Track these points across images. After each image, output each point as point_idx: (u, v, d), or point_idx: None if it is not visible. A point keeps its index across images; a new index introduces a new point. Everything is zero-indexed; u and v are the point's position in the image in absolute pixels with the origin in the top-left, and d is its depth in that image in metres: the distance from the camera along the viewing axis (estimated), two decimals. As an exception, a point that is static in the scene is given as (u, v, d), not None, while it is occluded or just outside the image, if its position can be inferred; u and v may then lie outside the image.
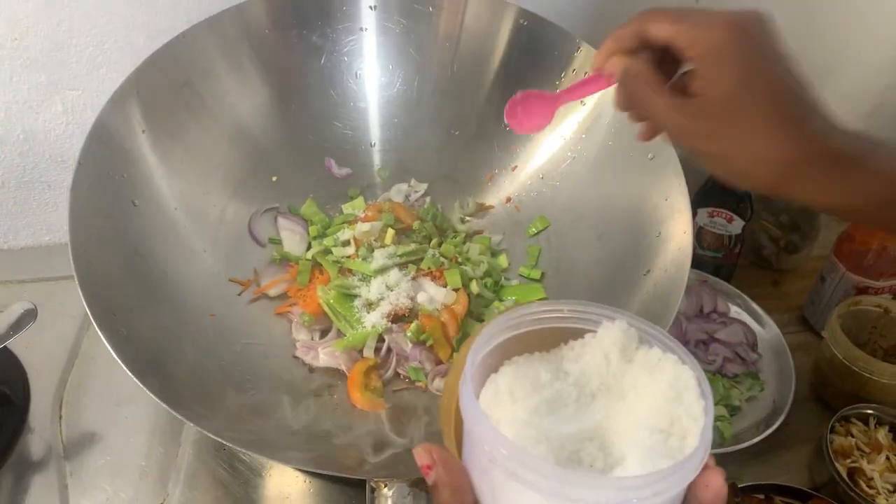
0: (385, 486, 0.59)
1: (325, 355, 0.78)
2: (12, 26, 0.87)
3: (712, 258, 1.19)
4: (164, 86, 0.80)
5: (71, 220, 0.67)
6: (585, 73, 0.85)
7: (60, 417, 0.81)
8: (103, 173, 0.73)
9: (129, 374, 0.59)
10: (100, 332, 0.60)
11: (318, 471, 0.68)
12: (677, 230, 0.74)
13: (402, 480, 0.60)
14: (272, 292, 0.84)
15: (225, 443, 0.60)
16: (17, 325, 0.76)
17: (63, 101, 0.94)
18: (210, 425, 0.61)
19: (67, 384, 0.84)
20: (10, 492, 0.75)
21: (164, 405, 0.59)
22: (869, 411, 0.93)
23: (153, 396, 0.59)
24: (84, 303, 0.62)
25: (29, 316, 0.77)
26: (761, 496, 0.84)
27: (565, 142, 0.88)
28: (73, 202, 0.68)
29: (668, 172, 0.78)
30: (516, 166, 0.92)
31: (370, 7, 0.89)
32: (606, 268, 0.80)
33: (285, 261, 0.87)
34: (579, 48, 0.85)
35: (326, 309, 0.81)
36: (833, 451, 0.89)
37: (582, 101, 0.86)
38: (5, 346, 0.75)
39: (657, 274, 0.73)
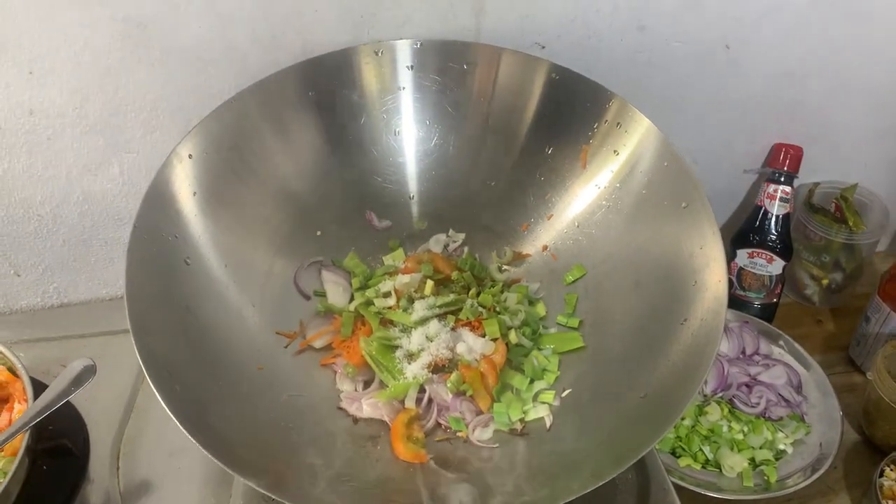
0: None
1: (368, 406, 0.80)
2: (73, 95, 0.92)
3: (753, 299, 1.19)
4: (213, 149, 0.84)
5: (127, 281, 0.71)
6: (619, 125, 0.87)
7: (118, 469, 0.84)
8: (157, 234, 0.77)
9: (184, 431, 0.62)
10: (156, 393, 0.63)
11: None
12: (713, 279, 0.75)
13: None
14: (317, 344, 0.86)
15: (273, 496, 0.62)
16: (78, 381, 0.79)
17: (119, 163, 0.99)
18: (258, 479, 0.63)
19: (124, 436, 0.88)
20: (71, 541, 0.78)
21: (216, 461, 0.62)
22: (919, 455, 0.91)
23: (206, 452, 0.62)
24: (140, 363, 0.65)
25: (89, 372, 0.80)
26: (809, 544, 0.83)
27: (600, 191, 0.89)
28: (130, 263, 0.72)
29: (701, 220, 0.78)
30: (552, 215, 0.93)
31: (407, 67, 0.93)
32: (643, 316, 0.81)
33: (330, 313, 0.90)
34: (611, 100, 0.87)
35: (369, 360, 0.83)
36: (883, 496, 0.87)
37: (615, 151, 0.88)
38: (67, 401, 0.79)
39: (694, 323, 0.74)
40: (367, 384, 0.84)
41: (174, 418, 0.62)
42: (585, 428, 0.76)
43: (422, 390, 0.82)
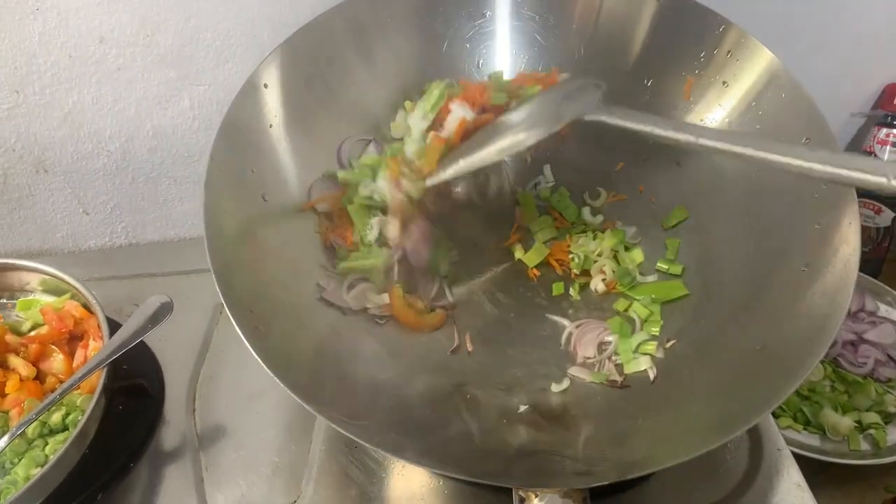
0: (536, 497, 0.55)
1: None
2: (144, 23, 0.88)
3: (858, 252, 1.11)
4: (289, 78, 0.78)
5: (206, 216, 0.66)
6: (729, 53, 0.79)
7: (194, 411, 0.82)
8: (234, 169, 0.72)
9: (270, 373, 0.58)
10: (240, 333, 0.59)
11: (464, 478, 0.64)
12: (841, 221, 0.67)
13: (554, 491, 0.56)
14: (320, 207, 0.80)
15: (357, 440, 0.58)
16: (155, 319, 0.76)
17: (190, 96, 0.95)
18: (345, 424, 0.59)
19: (200, 378, 0.85)
20: (147, 482, 0.76)
21: (306, 405, 0.58)
22: None
23: (294, 396, 0.58)
24: (223, 302, 0.61)
25: (166, 309, 0.77)
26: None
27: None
28: (208, 198, 0.68)
29: (827, 158, 0.71)
30: (649, 155, 0.86)
31: (495, -10, 0.86)
32: (756, 260, 0.74)
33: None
34: (722, 27, 0.79)
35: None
36: None
37: (724, 82, 0.80)
38: (141, 340, 0.76)
39: (818, 269, 0.67)
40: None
41: (259, 360, 0.59)
42: (694, 382, 0.70)
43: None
